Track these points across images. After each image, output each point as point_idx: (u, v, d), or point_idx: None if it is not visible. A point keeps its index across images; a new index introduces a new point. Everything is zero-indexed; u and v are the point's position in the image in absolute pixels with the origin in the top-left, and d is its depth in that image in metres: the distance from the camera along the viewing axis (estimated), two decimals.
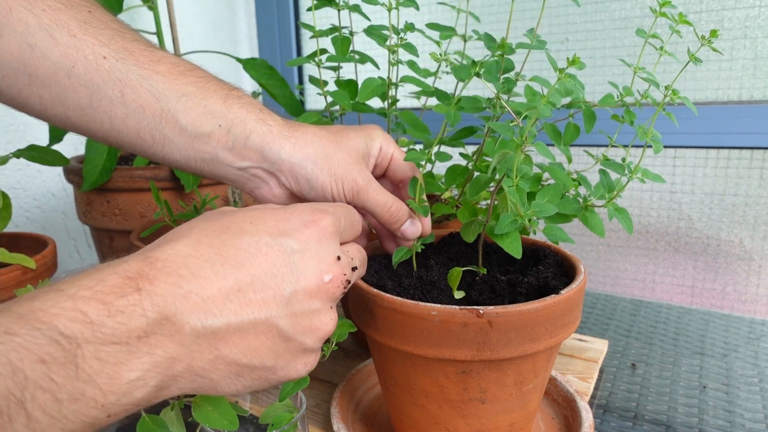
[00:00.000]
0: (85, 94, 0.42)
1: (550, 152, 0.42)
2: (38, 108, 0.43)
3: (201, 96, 0.44)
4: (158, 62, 0.44)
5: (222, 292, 0.31)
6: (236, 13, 1.34)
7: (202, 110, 0.44)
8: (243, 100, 0.46)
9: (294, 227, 0.34)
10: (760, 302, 0.97)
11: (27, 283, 0.59)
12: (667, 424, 0.58)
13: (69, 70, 0.41)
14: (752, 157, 0.93)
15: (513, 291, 0.44)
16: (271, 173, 0.47)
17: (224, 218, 0.34)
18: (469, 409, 0.43)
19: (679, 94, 0.49)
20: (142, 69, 0.43)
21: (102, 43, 0.42)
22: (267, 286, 0.32)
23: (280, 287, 0.32)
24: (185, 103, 0.44)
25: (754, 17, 0.88)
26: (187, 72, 0.45)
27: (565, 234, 0.45)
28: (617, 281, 1.08)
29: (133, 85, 0.43)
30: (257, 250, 0.32)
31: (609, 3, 0.97)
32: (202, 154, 0.45)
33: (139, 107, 0.43)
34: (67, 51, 0.41)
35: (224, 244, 0.32)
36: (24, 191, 0.98)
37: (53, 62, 0.41)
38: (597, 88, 0.98)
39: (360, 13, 0.64)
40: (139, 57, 0.43)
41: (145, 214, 0.78)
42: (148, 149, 0.45)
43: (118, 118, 0.43)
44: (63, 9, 0.41)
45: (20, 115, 0.95)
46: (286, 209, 0.36)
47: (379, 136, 0.50)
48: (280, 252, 0.33)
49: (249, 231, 0.33)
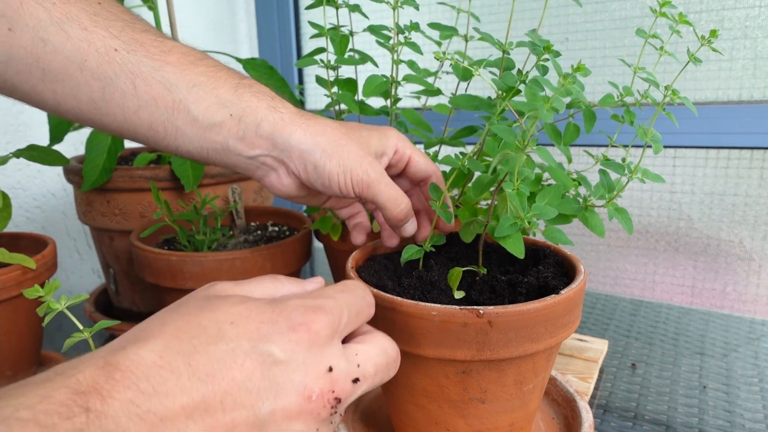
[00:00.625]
0: (98, 87, 0.42)
1: (552, 158, 0.42)
2: (52, 103, 0.43)
3: (212, 86, 0.44)
4: (169, 52, 0.44)
5: (185, 410, 0.26)
6: (236, 13, 1.34)
7: (213, 100, 0.44)
8: (254, 88, 0.46)
9: (279, 331, 0.29)
10: (760, 302, 0.97)
11: (27, 283, 0.59)
12: (667, 424, 0.58)
13: (81, 64, 0.41)
14: (752, 157, 0.93)
15: (513, 291, 0.44)
16: (281, 161, 0.46)
17: (203, 314, 0.29)
18: (469, 409, 0.43)
19: (679, 94, 0.49)
20: (153, 60, 0.43)
21: (113, 35, 0.42)
22: (239, 404, 0.27)
23: (254, 406, 0.27)
24: (197, 94, 0.43)
25: (754, 17, 0.88)
26: (198, 61, 0.45)
27: (565, 236, 0.45)
28: (617, 281, 1.08)
29: (145, 76, 0.42)
30: (233, 361, 0.27)
31: (609, 3, 0.97)
32: (214, 144, 0.45)
33: (151, 99, 0.43)
34: (78, 44, 0.41)
35: (195, 350, 0.27)
36: (24, 191, 0.98)
37: (66, 56, 0.41)
38: (597, 88, 0.98)
39: (360, 12, 0.64)
40: (150, 48, 0.43)
41: (145, 214, 0.78)
42: (161, 141, 0.45)
43: (130, 110, 0.43)
44: (73, 2, 0.41)
45: (20, 115, 0.95)
46: (276, 306, 0.31)
47: (395, 136, 0.49)
48: (258, 362, 0.28)
49: (227, 335, 0.28)
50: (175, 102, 0.43)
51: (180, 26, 0.94)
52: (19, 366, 0.63)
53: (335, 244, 0.67)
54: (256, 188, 0.87)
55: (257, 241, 0.75)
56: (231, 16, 1.33)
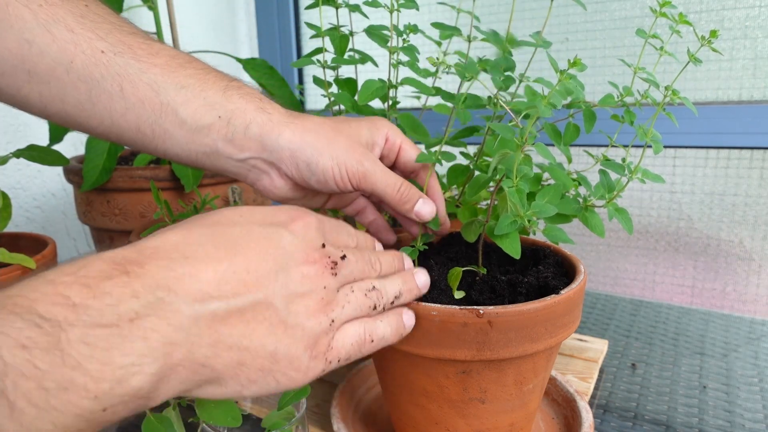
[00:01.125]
0: (85, 89, 0.42)
1: (550, 154, 0.42)
2: (38, 106, 0.43)
3: (200, 88, 0.44)
4: (156, 55, 0.43)
5: (217, 273, 0.30)
6: (236, 13, 1.34)
7: (201, 102, 0.44)
8: (242, 90, 0.46)
9: (281, 220, 0.35)
10: (760, 302, 0.97)
11: None
12: (667, 424, 0.58)
13: (68, 66, 0.41)
14: (752, 157, 0.93)
15: (513, 291, 0.44)
16: (271, 163, 0.46)
17: (214, 215, 0.35)
18: (469, 409, 0.43)
19: (679, 94, 0.49)
20: (140, 62, 0.42)
21: (99, 37, 0.42)
22: (260, 267, 0.32)
23: (273, 268, 0.32)
24: (185, 96, 0.43)
25: (754, 17, 0.88)
26: (186, 64, 0.45)
27: (566, 235, 0.45)
28: (617, 281, 1.08)
29: (132, 79, 0.42)
30: (248, 236, 0.33)
31: (609, 3, 0.97)
32: (203, 147, 0.45)
33: (139, 101, 0.43)
34: (65, 46, 0.41)
35: (215, 232, 0.32)
36: (24, 191, 0.98)
37: (52, 58, 0.40)
38: (597, 88, 0.98)
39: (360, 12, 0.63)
40: (137, 50, 0.43)
41: (145, 214, 0.78)
42: (149, 144, 0.45)
43: (117, 113, 0.43)
44: (60, 4, 0.41)
45: (20, 115, 0.95)
46: (274, 207, 0.37)
47: (385, 126, 0.49)
48: (269, 237, 0.34)
49: (239, 222, 0.34)
50: (163, 104, 0.43)
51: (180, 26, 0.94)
52: None
53: None
54: None
55: None
56: (231, 16, 1.33)
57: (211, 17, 1.27)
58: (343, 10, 0.62)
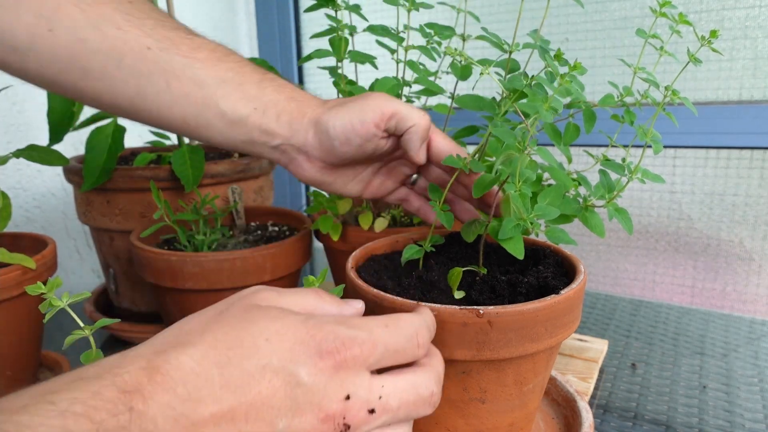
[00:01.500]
0: (134, 84, 0.45)
1: (553, 158, 0.42)
2: (92, 99, 0.46)
3: (238, 81, 0.47)
4: (198, 49, 0.47)
5: (214, 418, 0.28)
6: (236, 13, 1.34)
7: (240, 95, 0.47)
8: (276, 82, 0.49)
9: (309, 355, 0.30)
10: (760, 302, 0.97)
11: (27, 284, 0.59)
12: (667, 424, 0.58)
13: (118, 62, 0.44)
14: (752, 157, 0.93)
15: (513, 291, 0.44)
16: (298, 148, 0.49)
17: (242, 326, 0.31)
18: (469, 409, 0.43)
19: (678, 94, 0.49)
20: (184, 57, 0.45)
21: (146, 34, 0.44)
22: (260, 417, 0.29)
23: (273, 421, 0.29)
24: (224, 90, 0.47)
25: (754, 17, 0.88)
26: (225, 58, 0.48)
27: (568, 236, 0.45)
28: (617, 281, 1.08)
29: (177, 74, 0.45)
30: (262, 377, 0.29)
31: (609, 3, 0.97)
32: (241, 135, 0.48)
33: (183, 95, 0.46)
34: (115, 43, 0.43)
35: (230, 362, 0.29)
36: (24, 191, 0.98)
37: (104, 55, 0.43)
38: (597, 88, 0.98)
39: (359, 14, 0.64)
40: (181, 46, 0.46)
41: (145, 214, 0.78)
42: (194, 132, 0.49)
43: (165, 106, 0.46)
44: (106, 2, 0.44)
45: (20, 115, 0.95)
46: (311, 328, 0.31)
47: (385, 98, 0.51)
48: (284, 381, 0.30)
49: (261, 351, 0.30)
50: (205, 98, 0.46)
51: None
52: (19, 366, 0.63)
53: (335, 244, 0.67)
54: (256, 188, 0.87)
55: (257, 241, 0.75)
56: (231, 16, 1.33)
57: (211, 17, 1.27)
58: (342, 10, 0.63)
